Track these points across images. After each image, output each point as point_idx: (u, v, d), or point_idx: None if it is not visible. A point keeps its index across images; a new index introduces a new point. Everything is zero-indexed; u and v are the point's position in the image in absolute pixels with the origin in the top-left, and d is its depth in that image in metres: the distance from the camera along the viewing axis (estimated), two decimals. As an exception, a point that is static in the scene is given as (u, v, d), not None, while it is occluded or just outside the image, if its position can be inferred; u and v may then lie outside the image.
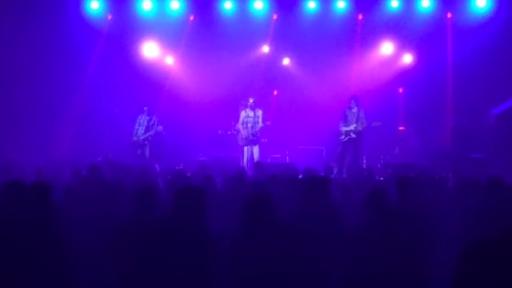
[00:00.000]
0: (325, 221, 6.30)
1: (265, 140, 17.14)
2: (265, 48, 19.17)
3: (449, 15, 18.27)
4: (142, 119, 16.71)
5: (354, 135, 15.77)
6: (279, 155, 17.85)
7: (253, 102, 16.16)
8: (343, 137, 15.89)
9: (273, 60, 19.22)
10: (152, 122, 16.63)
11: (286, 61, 19.29)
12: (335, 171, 12.56)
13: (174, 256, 5.13)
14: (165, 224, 5.41)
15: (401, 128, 18.32)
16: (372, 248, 5.45)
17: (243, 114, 16.31)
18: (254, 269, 5.23)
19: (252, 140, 16.15)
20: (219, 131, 17.92)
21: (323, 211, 6.61)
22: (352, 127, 15.77)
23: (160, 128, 16.59)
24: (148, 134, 16.56)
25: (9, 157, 13.78)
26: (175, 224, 5.38)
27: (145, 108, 16.72)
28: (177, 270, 5.10)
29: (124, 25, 18.90)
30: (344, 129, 15.86)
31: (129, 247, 5.30)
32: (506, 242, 2.45)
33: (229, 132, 17.42)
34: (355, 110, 15.88)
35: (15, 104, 17.80)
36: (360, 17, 18.79)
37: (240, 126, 16.33)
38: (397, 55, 18.77)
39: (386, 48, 18.74)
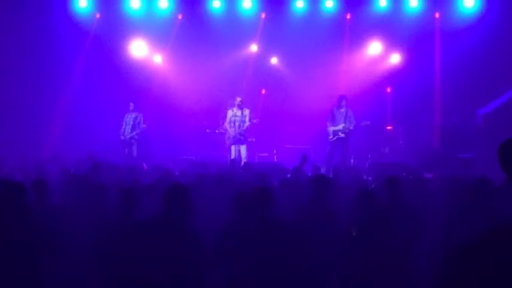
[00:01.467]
0: (323, 221, 6.32)
1: (253, 139, 17.15)
2: (253, 47, 19.18)
3: (437, 15, 18.32)
4: (128, 118, 16.76)
5: (342, 135, 15.78)
6: (266, 154, 17.84)
7: (240, 101, 16.15)
8: (331, 136, 15.89)
9: (261, 59, 19.22)
10: (138, 120, 16.67)
11: (274, 60, 19.30)
12: (323, 170, 12.52)
13: (160, 255, 5.11)
14: (153, 222, 5.40)
15: (389, 128, 18.34)
16: (360, 247, 5.47)
17: (230, 113, 16.28)
18: (248, 266, 5.25)
19: (239, 139, 16.13)
20: (207, 130, 17.89)
21: (323, 210, 6.65)
22: (340, 126, 15.78)
23: (144, 126, 16.65)
24: (134, 132, 16.60)
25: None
26: (163, 223, 5.37)
27: (131, 104, 16.80)
28: (164, 269, 5.08)
29: (112, 24, 18.85)
30: (332, 128, 15.86)
31: (114, 246, 5.27)
32: (488, 242, 2.44)
33: (217, 131, 17.40)
34: (343, 109, 15.90)
35: (1, 102, 17.68)
36: (348, 16, 18.82)
37: (227, 125, 16.31)
38: (385, 54, 18.82)
39: (375, 47, 18.77)
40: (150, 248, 5.10)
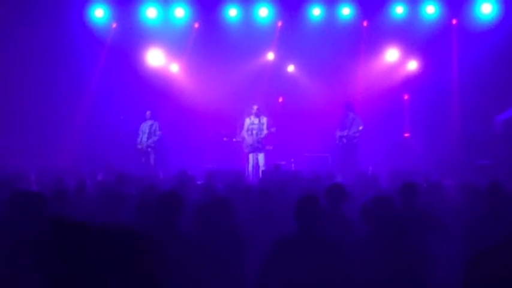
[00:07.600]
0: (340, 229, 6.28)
1: (271, 147, 17.08)
2: (270, 55, 19.16)
3: (454, 21, 18.22)
4: (144, 127, 16.78)
5: (344, 140, 15.93)
6: (284, 162, 17.75)
7: (257, 109, 16.14)
8: (337, 141, 16.12)
9: (277, 67, 19.18)
10: (153, 128, 16.68)
11: (291, 68, 19.27)
12: (339, 178, 12.45)
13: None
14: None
15: (406, 135, 18.25)
16: (377, 256, 5.41)
17: (247, 121, 16.28)
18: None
19: (257, 147, 16.12)
20: (224, 138, 17.87)
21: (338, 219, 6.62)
22: (344, 132, 15.94)
23: (159, 133, 16.68)
24: (150, 140, 16.60)
25: (14, 167, 13.72)
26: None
27: (148, 112, 16.82)
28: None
29: (129, 33, 18.89)
30: (338, 134, 16.08)
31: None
32: (510, 249, 2.40)
33: (234, 140, 17.38)
34: (351, 115, 16.04)
35: (20, 112, 17.77)
36: (365, 23, 18.74)
37: (245, 133, 16.29)
38: (402, 61, 18.73)
39: (392, 54, 18.68)
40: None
